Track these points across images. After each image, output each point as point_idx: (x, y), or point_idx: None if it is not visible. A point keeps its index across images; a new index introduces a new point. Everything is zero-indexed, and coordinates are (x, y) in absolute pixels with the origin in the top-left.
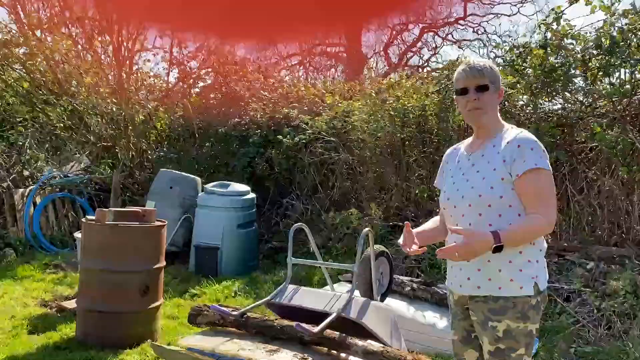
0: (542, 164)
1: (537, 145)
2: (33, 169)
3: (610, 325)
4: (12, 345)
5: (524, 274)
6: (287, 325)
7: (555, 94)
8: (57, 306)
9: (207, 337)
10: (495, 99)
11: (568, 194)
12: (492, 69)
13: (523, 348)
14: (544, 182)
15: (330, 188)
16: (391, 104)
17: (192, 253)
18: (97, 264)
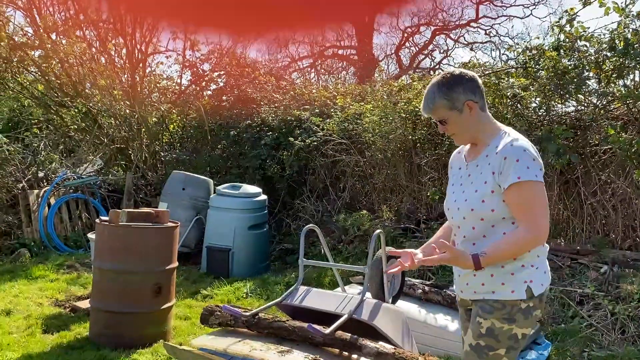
0: (526, 175)
1: (525, 155)
2: (47, 170)
3: (624, 329)
4: (27, 344)
5: (516, 277)
6: (299, 326)
7: (568, 96)
8: (71, 306)
9: (219, 337)
10: (467, 115)
11: (581, 196)
12: (445, 95)
13: (503, 349)
14: (528, 194)
15: (341, 190)
16: (403, 106)
17: (204, 254)
18: (111, 265)
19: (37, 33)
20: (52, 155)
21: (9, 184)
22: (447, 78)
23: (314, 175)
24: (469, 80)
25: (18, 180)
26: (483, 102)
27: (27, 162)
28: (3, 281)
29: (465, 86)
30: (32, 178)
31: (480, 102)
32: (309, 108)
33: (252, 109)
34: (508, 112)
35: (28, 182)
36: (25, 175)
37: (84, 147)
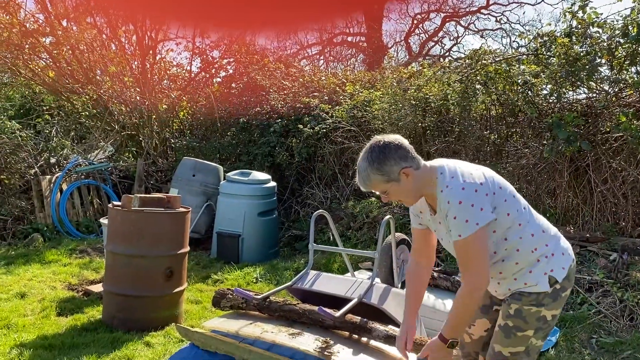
0: (465, 232)
1: (460, 208)
2: (59, 156)
3: (632, 316)
4: (42, 326)
5: (535, 273)
6: (309, 309)
7: (579, 83)
8: (84, 290)
9: (231, 319)
10: (405, 182)
11: (591, 184)
12: (378, 171)
13: (531, 330)
14: (467, 249)
15: (350, 177)
16: (412, 93)
17: (214, 240)
18: (123, 249)
19: (48, 20)
20: (63, 142)
21: (21, 169)
22: (376, 153)
23: (323, 162)
24: (397, 149)
25: (30, 166)
26: (416, 161)
27: (39, 148)
28: (17, 265)
29: (395, 156)
30: (45, 164)
31: (414, 164)
32: (318, 95)
33: (261, 96)
34: (519, 99)
35: (40, 168)
36: (37, 161)
37: (95, 134)
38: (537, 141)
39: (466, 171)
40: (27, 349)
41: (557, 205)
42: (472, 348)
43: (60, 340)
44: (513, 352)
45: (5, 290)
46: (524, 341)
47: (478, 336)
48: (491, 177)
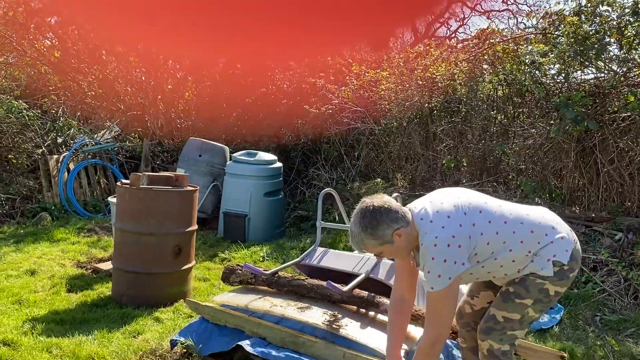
0: (437, 286)
1: (432, 264)
2: (66, 136)
3: (637, 294)
4: (53, 302)
5: (537, 262)
6: (317, 284)
7: (588, 63)
8: (92, 268)
9: (240, 294)
10: (399, 242)
11: (598, 164)
12: (371, 236)
13: (530, 300)
14: (435, 302)
15: (356, 158)
16: (419, 73)
17: (221, 220)
18: (132, 226)
19: None
20: (70, 121)
21: (29, 149)
22: (368, 219)
23: (329, 143)
24: (387, 212)
25: (38, 146)
26: (406, 219)
27: (46, 128)
28: (26, 243)
29: (386, 221)
30: (52, 144)
31: (404, 223)
32: (323, 76)
33: (267, 77)
34: (526, 79)
35: (47, 147)
36: (44, 141)
37: (101, 114)
38: (544, 121)
39: (439, 222)
40: (39, 323)
41: (563, 185)
42: (472, 318)
43: (71, 316)
44: (506, 318)
45: (15, 267)
46: (521, 309)
47: (480, 307)
48: (465, 214)
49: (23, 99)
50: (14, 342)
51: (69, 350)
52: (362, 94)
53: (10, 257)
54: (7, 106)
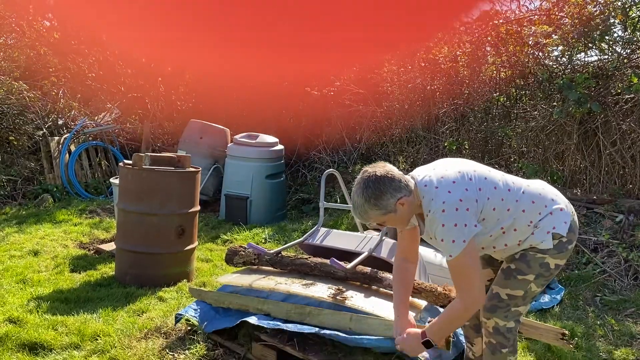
0: (455, 251)
1: (443, 231)
2: (67, 118)
3: (637, 275)
4: (57, 281)
5: (537, 234)
6: (321, 262)
7: (591, 45)
8: (95, 248)
9: (244, 275)
10: (402, 210)
11: (600, 147)
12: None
13: (532, 275)
14: (458, 269)
15: (357, 141)
16: (422, 55)
17: (222, 202)
18: (135, 207)
19: None
20: (71, 103)
21: (29, 130)
22: (372, 189)
23: (330, 126)
24: (390, 181)
25: (39, 128)
26: (408, 187)
27: (46, 109)
28: (29, 224)
29: (389, 190)
30: (52, 125)
31: (407, 192)
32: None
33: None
34: (529, 60)
35: (48, 129)
36: (45, 123)
37: (101, 96)
38: (546, 103)
39: (445, 186)
40: (44, 301)
41: (565, 168)
42: None
43: (75, 295)
44: (510, 295)
45: (18, 248)
46: (524, 285)
47: None
48: (470, 179)
49: (23, 81)
50: (20, 320)
51: (75, 328)
52: (364, 76)
53: (13, 237)
54: (7, 87)
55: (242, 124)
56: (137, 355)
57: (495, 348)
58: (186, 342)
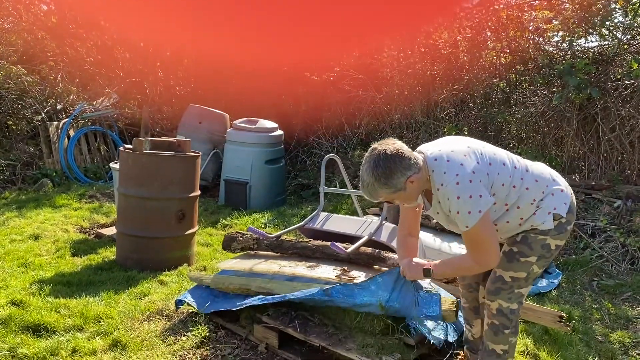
0: (471, 222)
1: (458, 203)
2: (65, 102)
3: (634, 260)
4: (58, 265)
5: (539, 215)
6: (323, 245)
7: (592, 30)
8: (95, 233)
9: (245, 259)
10: (410, 188)
11: (599, 133)
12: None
13: (534, 257)
14: (474, 237)
15: (357, 126)
16: (422, 40)
17: (222, 187)
18: (135, 191)
19: None
20: (69, 88)
21: (28, 115)
22: (382, 168)
23: (330, 111)
24: (400, 160)
25: (37, 112)
26: (417, 164)
27: (45, 94)
28: (29, 209)
29: (399, 169)
30: (51, 110)
31: (416, 169)
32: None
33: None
34: (529, 46)
35: (47, 114)
36: (44, 107)
37: (100, 81)
38: (546, 89)
39: (457, 160)
40: (46, 284)
41: (564, 154)
42: (473, 279)
43: (77, 278)
44: (514, 277)
45: (19, 232)
46: (526, 267)
47: None
48: (480, 155)
49: (21, 65)
50: (23, 302)
51: (77, 310)
52: (364, 61)
53: (13, 222)
54: (5, 72)
55: (242, 109)
56: (140, 337)
57: (498, 329)
58: (188, 324)
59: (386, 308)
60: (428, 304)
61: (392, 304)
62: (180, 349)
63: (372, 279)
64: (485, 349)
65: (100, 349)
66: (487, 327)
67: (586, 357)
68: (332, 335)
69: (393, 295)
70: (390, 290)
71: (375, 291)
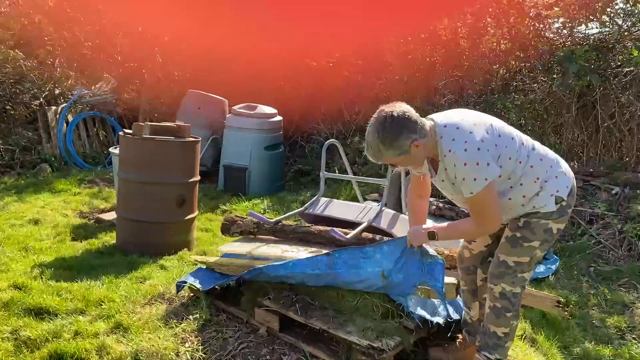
0: (476, 188)
1: (465, 170)
2: (64, 87)
3: (631, 246)
4: (59, 250)
5: (541, 196)
6: (325, 230)
7: (592, 17)
8: (95, 218)
9: (245, 243)
10: (415, 152)
11: (598, 120)
12: (390, 147)
13: (537, 242)
14: (478, 204)
15: (356, 113)
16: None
17: (221, 173)
18: (135, 176)
19: None
20: (67, 72)
21: (26, 100)
22: (387, 131)
23: (329, 98)
24: (406, 123)
25: (36, 97)
26: (424, 130)
27: (43, 78)
28: (28, 194)
29: (405, 132)
30: (49, 95)
31: (422, 134)
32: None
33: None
34: (530, 32)
35: (45, 98)
36: (42, 92)
37: (98, 66)
38: (546, 76)
39: (466, 127)
40: (47, 268)
41: (563, 141)
42: (471, 262)
43: (78, 262)
44: (517, 262)
45: (18, 217)
46: (530, 252)
47: (478, 251)
48: (490, 126)
49: (18, 49)
50: (24, 286)
51: (79, 294)
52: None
53: (13, 207)
54: (3, 56)
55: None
56: (142, 320)
57: (500, 312)
58: (189, 307)
59: (388, 278)
60: (432, 270)
61: (395, 274)
62: (182, 331)
63: (377, 246)
64: (486, 331)
65: (102, 331)
66: (489, 310)
67: (583, 342)
68: (333, 319)
69: (397, 265)
70: (394, 260)
71: (380, 260)
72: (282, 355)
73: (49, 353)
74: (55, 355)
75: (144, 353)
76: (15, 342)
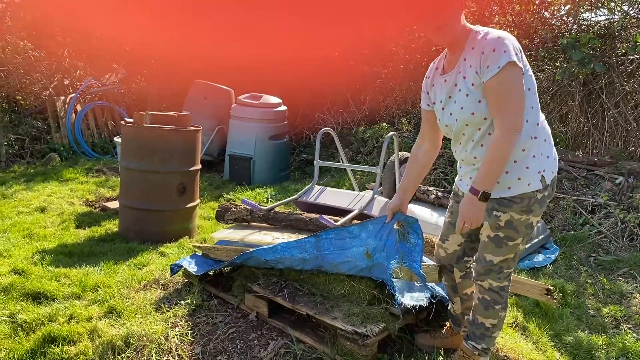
0: (502, 59)
1: (499, 42)
2: (73, 77)
3: (632, 236)
4: (62, 237)
5: (530, 170)
6: (315, 218)
7: (599, 3)
8: (100, 206)
9: (238, 230)
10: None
11: (603, 108)
12: None
13: (520, 238)
14: (498, 86)
15: (362, 102)
16: None
17: (226, 162)
18: (136, 165)
19: None
20: (76, 63)
21: (36, 90)
22: None
23: (334, 87)
24: None
25: (45, 87)
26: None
27: (52, 69)
28: (36, 182)
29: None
30: (58, 85)
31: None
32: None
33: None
34: (534, 20)
35: (54, 88)
36: (51, 82)
37: (106, 56)
38: (550, 64)
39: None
40: (48, 254)
41: (568, 130)
42: (448, 261)
43: (79, 249)
44: (503, 260)
45: (26, 204)
46: (514, 249)
47: (452, 250)
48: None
49: (29, 40)
50: (24, 271)
51: (77, 279)
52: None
53: (20, 194)
54: (13, 47)
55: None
56: (135, 304)
57: (489, 304)
58: (182, 293)
59: (372, 257)
60: (410, 252)
61: (379, 253)
62: (172, 316)
63: (362, 225)
64: (474, 322)
65: (95, 315)
66: (478, 302)
67: (576, 330)
68: (320, 305)
69: (381, 242)
70: (379, 238)
71: (365, 239)
72: (269, 340)
73: (42, 336)
74: (48, 338)
75: (134, 337)
76: (12, 325)
